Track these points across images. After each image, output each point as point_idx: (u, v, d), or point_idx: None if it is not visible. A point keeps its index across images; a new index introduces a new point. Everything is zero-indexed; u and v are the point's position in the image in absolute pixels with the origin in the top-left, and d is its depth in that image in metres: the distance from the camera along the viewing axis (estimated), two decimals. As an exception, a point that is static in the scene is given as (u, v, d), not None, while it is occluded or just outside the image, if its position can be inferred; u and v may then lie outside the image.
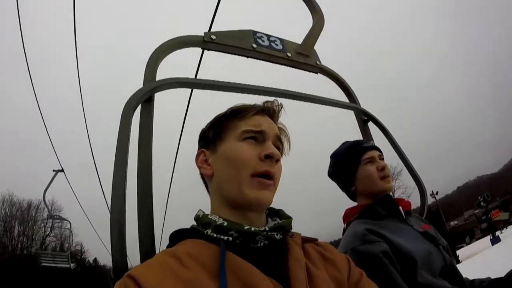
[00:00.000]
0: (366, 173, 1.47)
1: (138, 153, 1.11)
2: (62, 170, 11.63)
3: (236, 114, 0.91)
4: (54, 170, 11.68)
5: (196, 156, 0.93)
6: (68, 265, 13.90)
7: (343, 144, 1.64)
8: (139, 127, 1.16)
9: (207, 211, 0.89)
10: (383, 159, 1.54)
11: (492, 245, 23.59)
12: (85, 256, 50.49)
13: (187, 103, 2.35)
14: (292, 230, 0.89)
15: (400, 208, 1.45)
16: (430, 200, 1.86)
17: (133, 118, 1.08)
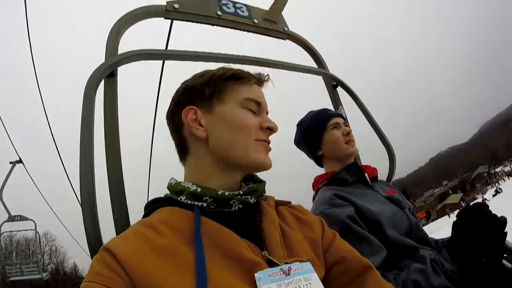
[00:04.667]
0: (332, 138, 1.53)
1: (105, 130, 1.10)
2: (21, 161, 9.59)
3: (237, 78, 0.89)
4: (11, 162, 9.60)
5: (184, 112, 0.85)
6: (40, 276, 11.16)
7: (309, 113, 1.68)
8: (103, 104, 1.14)
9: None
10: (347, 125, 1.60)
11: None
12: (66, 264, 46.60)
13: (159, 78, 2.28)
14: (266, 194, 0.90)
15: (366, 174, 1.52)
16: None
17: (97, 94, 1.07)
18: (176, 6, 1.46)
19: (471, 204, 1.04)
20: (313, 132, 1.58)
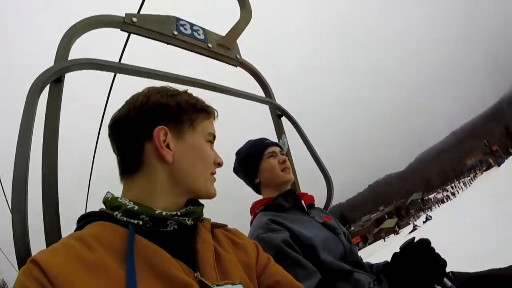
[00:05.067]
0: (268, 166, 1.61)
1: (44, 138, 1.05)
2: None
3: (207, 111, 0.94)
4: None
5: (157, 130, 0.82)
6: None
7: (247, 142, 1.76)
8: (46, 109, 1.09)
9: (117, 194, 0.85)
10: (283, 154, 1.69)
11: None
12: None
13: (109, 90, 2.20)
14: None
15: (303, 201, 1.58)
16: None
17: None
18: (134, 19, 1.46)
19: (415, 240, 1.17)
20: (251, 161, 1.65)
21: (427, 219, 40.71)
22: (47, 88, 1.09)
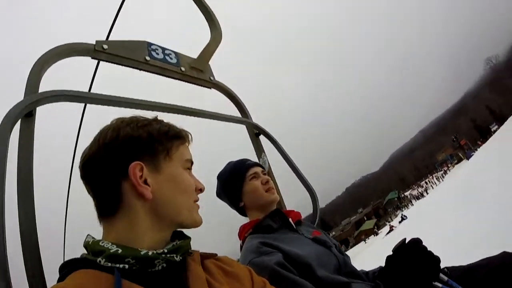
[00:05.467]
0: (251, 188, 1.59)
1: (18, 176, 1.01)
2: None
3: (180, 137, 0.90)
4: None
5: (132, 167, 0.77)
6: None
7: (227, 164, 1.73)
8: (18, 146, 1.05)
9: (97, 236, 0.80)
10: (265, 174, 1.68)
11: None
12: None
13: (80, 120, 2.13)
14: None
15: (290, 219, 1.55)
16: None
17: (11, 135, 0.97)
18: (105, 46, 1.44)
19: (407, 241, 1.18)
20: (233, 184, 1.62)
21: (402, 219, 41.32)
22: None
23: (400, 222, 42.21)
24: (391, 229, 45.04)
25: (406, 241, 1.25)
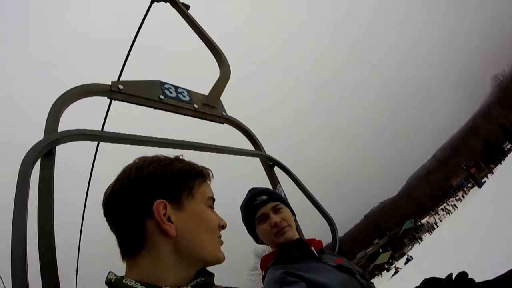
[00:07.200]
0: (261, 232, 1.57)
1: (38, 214, 1.02)
2: None
3: (203, 175, 0.91)
4: None
5: (156, 205, 0.78)
6: None
7: (248, 192, 1.69)
8: (39, 184, 1.07)
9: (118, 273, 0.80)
10: (279, 208, 1.60)
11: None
12: None
13: (93, 157, 2.18)
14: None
15: (312, 248, 1.52)
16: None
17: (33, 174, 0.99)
18: (121, 87, 1.48)
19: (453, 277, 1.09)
20: (247, 226, 1.65)
21: (408, 260, 40.63)
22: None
23: (405, 263, 41.74)
24: (397, 271, 44.36)
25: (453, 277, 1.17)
